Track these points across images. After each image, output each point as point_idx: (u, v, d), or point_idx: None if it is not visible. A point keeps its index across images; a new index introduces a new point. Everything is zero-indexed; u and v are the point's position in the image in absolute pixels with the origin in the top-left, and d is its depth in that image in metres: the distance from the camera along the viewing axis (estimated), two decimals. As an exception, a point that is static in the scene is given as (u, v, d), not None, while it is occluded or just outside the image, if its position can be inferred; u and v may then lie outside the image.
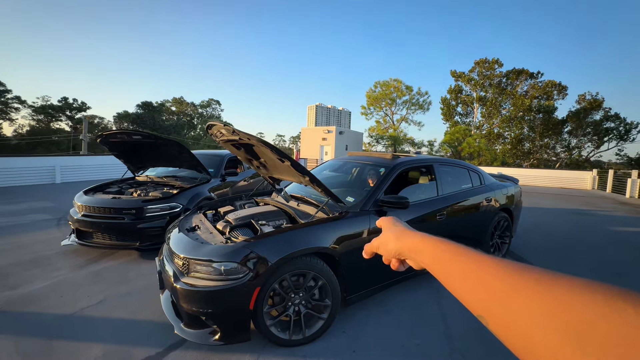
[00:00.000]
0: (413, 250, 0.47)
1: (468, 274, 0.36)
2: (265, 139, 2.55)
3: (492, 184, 4.05)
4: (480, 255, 0.36)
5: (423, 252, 0.45)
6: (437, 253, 0.42)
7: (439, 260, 0.41)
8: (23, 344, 2.27)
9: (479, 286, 0.33)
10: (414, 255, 0.47)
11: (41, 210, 6.64)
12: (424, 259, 0.44)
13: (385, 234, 0.55)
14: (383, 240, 0.54)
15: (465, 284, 0.36)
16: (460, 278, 0.37)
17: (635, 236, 5.93)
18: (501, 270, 0.32)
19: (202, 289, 2.05)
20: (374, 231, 2.66)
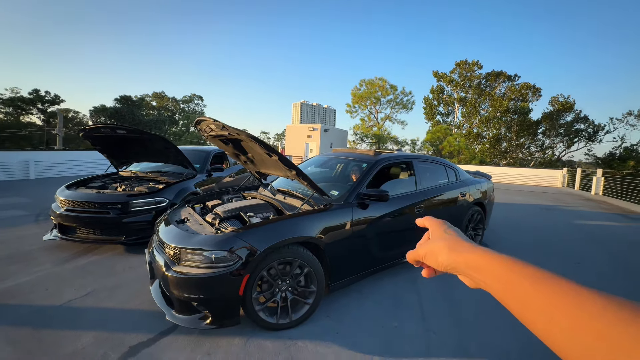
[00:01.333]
0: (472, 267, 0.40)
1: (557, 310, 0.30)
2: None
3: (467, 179, 4.33)
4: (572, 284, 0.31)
5: (486, 270, 0.38)
6: (506, 274, 0.36)
7: (509, 284, 0.35)
8: (10, 335, 2.29)
9: (576, 327, 0.28)
10: (473, 272, 0.40)
11: (16, 206, 6.42)
12: (486, 278, 0.38)
13: (435, 242, 0.48)
14: (432, 249, 0.47)
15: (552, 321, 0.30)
16: (543, 313, 0.31)
17: (592, 228, 6.45)
18: (612, 310, 0.27)
19: (194, 276, 2.16)
20: (357, 222, 2.84)
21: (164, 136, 4.52)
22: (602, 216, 7.97)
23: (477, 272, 0.40)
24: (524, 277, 0.34)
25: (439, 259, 0.45)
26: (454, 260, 0.43)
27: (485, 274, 0.38)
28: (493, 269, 0.38)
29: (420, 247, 0.50)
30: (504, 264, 0.37)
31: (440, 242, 0.47)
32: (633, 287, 3.52)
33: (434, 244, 0.48)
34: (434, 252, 0.46)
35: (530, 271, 0.34)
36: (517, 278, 0.34)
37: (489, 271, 0.38)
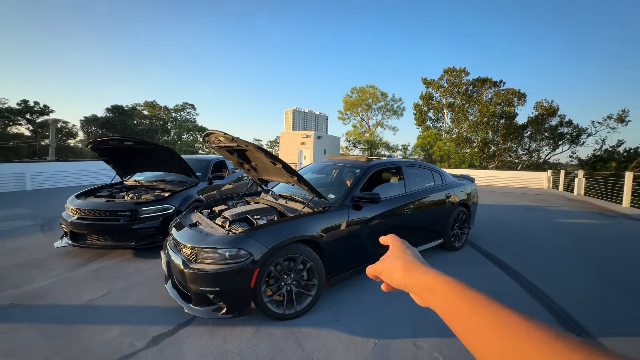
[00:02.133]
0: (423, 288, 0.43)
1: (490, 332, 0.33)
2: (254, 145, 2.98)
3: (452, 182, 4.71)
4: (505, 310, 0.34)
5: (435, 292, 0.41)
6: (452, 298, 0.39)
7: (454, 308, 0.38)
8: (43, 330, 2.53)
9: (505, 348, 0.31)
10: (424, 293, 0.43)
11: (19, 217, 6.57)
12: (434, 299, 0.41)
13: (392, 261, 0.50)
14: (389, 267, 0.50)
15: (486, 342, 0.33)
16: (479, 334, 0.34)
17: (570, 225, 6.90)
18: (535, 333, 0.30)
19: (210, 272, 2.45)
20: (352, 223, 3.17)
21: (169, 147, 4.80)
22: (582, 214, 8.46)
23: (426, 292, 0.42)
24: (465, 301, 0.37)
25: (393, 277, 0.48)
26: (407, 280, 0.45)
27: (434, 296, 0.41)
28: (441, 291, 0.40)
29: (379, 263, 0.53)
30: (451, 287, 0.39)
31: (397, 261, 0.49)
32: (598, 274, 3.90)
33: (391, 264, 0.50)
34: (390, 270, 0.49)
35: (472, 296, 0.37)
36: (459, 301, 0.37)
37: (437, 293, 0.40)
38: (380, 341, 2.46)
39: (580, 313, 2.95)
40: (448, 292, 0.40)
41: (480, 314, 0.35)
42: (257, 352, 2.29)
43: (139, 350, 2.29)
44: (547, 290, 3.41)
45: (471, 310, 0.36)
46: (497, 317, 0.33)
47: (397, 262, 0.49)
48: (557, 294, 3.33)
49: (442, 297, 0.40)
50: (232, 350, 2.31)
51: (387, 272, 0.50)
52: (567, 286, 3.55)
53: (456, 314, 0.37)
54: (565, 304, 3.11)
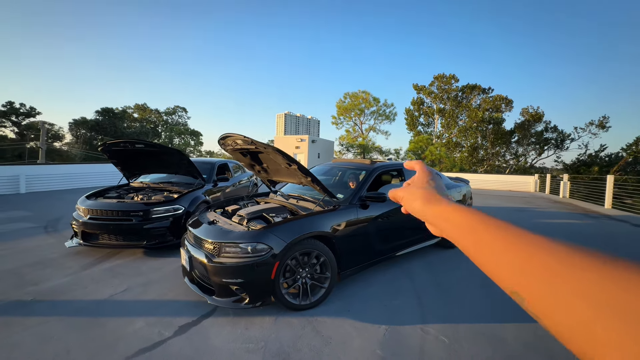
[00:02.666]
0: (439, 216, 0.44)
1: (503, 245, 0.32)
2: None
3: (449, 184, 5.00)
4: (519, 228, 0.33)
5: (450, 220, 0.41)
6: (466, 221, 0.39)
7: (468, 229, 0.38)
8: (71, 322, 2.66)
9: (516, 258, 0.30)
10: (440, 222, 0.43)
11: (20, 219, 6.56)
12: (449, 226, 0.41)
13: (415, 189, 0.50)
14: (410, 195, 0.50)
15: (499, 254, 0.32)
16: (492, 248, 0.33)
17: (555, 225, 7.31)
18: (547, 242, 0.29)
19: (234, 264, 2.63)
20: (360, 220, 3.40)
21: (179, 149, 4.95)
22: (566, 215, 8.91)
23: (444, 221, 0.42)
24: (478, 221, 0.37)
25: (413, 204, 0.49)
26: (426, 211, 0.46)
27: (449, 222, 0.41)
28: (455, 217, 0.40)
29: (402, 188, 0.53)
30: (466, 213, 0.40)
31: (419, 191, 0.49)
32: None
33: (414, 191, 0.50)
34: (411, 198, 0.50)
35: (486, 218, 0.37)
36: (472, 221, 0.38)
37: (452, 220, 0.41)
38: (391, 327, 2.68)
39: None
40: (463, 217, 0.40)
41: (494, 231, 0.34)
42: (279, 338, 2.48)
43: (168, 338, 2.45)
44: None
45: (485, 229, 0.35)
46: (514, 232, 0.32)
47: (419, 192, 0.49)
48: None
49: (457, 223, 0.40)
50: (256, 336, 2.49)
51: (408, 200, 0.50)
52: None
53: (470, 235, 0.37)
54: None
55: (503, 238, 0.33)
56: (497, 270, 0.32)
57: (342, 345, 2.42)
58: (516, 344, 2.49)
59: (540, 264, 0.27)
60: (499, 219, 0.36)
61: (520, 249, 0.30)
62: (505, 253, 0.31)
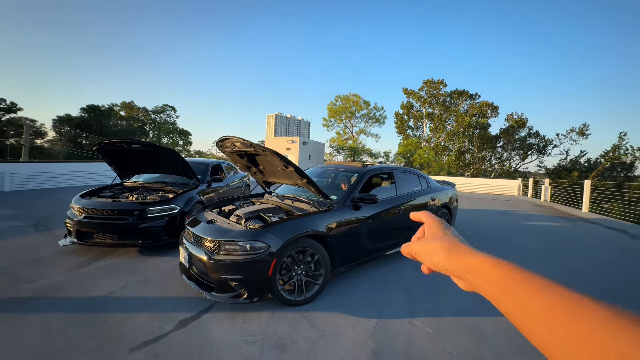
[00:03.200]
0: (471, 271, 0.39)
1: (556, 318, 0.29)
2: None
3: (436, 187, 5.25)
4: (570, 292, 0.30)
5: (484, 276, 0.37)
6: (504, 281, 0.35)
7: (507, 291, 0.34)
8: (73, 318, 2.73)
9: (574, 337, 0.27)
10: (471, 277, 0.39)
11: (8, 218, 6.46)
12: (483, 283, 0.37)
13: (431, 242, 0.46)
14: (427, 249, 0.46)
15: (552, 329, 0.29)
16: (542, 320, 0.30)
17: (535, 227, 7.69)
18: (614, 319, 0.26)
19: (233, 261, 2.76)
20: (353, 220, 3.58)
21: (175, 150, 5.02)
22: (545, 218, 9.36)
23: (475, 276, 0.39)
24: (521, 284, 0.33)
25: (434, 259, 0.44)
26: (450, 263, 0.42)
27: (483, 279, 0.37)
28: (491, 274, 0.37)
29: (415, 243, 0.49)
30: (503, 270, 0.36)
31: (437, 243, 0.45)
32: (556, 266, 4.53)
33: (429, 243, 0.46)
34: (429, 252, 0.45)
35: (528, 277, 0.34)
36: (515, 285, 0.34)
37: (487, 276, 0.37)
38: (381, 320, 2.86)
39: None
40: (500, 275, 0.36)
41: (540, 298, 0.31)
42: (276, 331, 2.62)
43: (170, 332, 2.56)
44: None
45: (529, 294, 0.32)
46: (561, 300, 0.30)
47: (437, 244, 0.45)
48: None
49: (492, 281, 0.36)
50: (254, 330, 2.63)
51: (426, 254, 0.46)
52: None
53: (511, 299, 0.34)
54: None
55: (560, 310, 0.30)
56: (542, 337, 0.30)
57: (335, 337, 2.58)
58: (496, 335, 2.70)
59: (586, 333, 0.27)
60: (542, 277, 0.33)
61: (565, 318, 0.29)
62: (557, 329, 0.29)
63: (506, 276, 0.35)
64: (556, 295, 0.31)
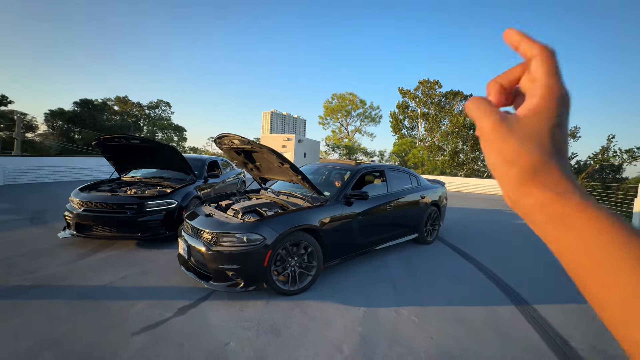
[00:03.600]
0: (551, 216, 0.27)
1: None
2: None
3: (426, 185, 5.44)
4: None
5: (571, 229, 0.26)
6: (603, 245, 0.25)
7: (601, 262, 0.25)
8: (76, 305, 2.85)
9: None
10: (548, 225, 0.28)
11: (3, 211, 6.49)
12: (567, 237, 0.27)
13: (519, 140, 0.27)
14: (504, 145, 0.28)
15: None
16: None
17: (526, 226, 7.95)
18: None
19: (230, 252, 2.91)
20: (345, 216, 3.74)
21: (173, 146, 5.14)
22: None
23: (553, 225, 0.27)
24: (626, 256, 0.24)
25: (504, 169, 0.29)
26: (523, 196, 0.28)
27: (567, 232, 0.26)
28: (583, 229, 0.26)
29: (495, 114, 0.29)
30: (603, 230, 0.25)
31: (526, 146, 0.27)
32: (542, 266, 4.77)
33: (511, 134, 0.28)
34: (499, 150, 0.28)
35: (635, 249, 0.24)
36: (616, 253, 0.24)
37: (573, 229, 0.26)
38: (369, 309, 3.04)
39: (530, 290, 3.71)
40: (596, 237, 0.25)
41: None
42: (271, 318, 2.78)
43: (169, 318, 2.71)
44: (498, 272, 4.18)
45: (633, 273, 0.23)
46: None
47: (525, 149, 0.27)
48: (509, 277, 4.10)
49: (583, 238, 0.25)
50: (250, 317, 2.78)
51: (492, 151, 0.29)
52: (517, 270, 4.35)
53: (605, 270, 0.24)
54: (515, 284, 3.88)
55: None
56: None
57: (326, 323, 2.75)
58: (477, 323, 2.90)
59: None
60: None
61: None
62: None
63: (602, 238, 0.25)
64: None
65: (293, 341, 2.47)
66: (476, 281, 3.93)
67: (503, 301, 3.39)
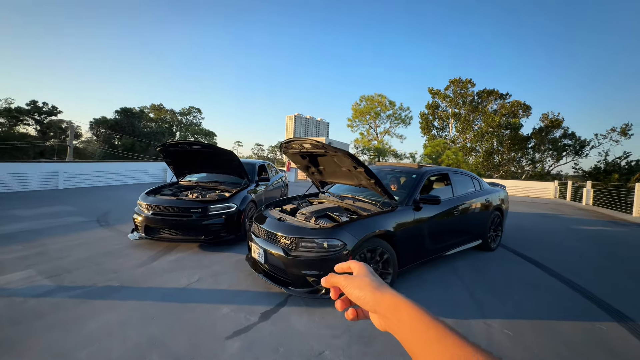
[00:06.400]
0: (391, 309, 0.44)
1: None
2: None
3: (489, 188, 5.16)
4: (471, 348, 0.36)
5: (402, 316, 0.43)
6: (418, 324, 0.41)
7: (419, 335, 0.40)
8: (163, 307, 2.94)
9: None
10: (390, 315, 0.44)
11: (70, 213, 6.97)
12: (399, 323, 0.43)
13: (362, 278, 0.50)
14: (355, 282, 0.49)
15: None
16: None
17: (590, 232, 7.34)
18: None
19: (310, 258, 2.88)
20: (416, 221, 3.61)
21: (232, 151, 5.26)
22: (595, 222, 8.91)
23: (393, 315, 0.43)
24: (429, 329, 0.40)
25: (360, 294, 0.47)
26: (377, 299, 0.45)
27: (398, 319, 0.42)
28: (407, 315, 0.42)
29: (342, 277, 0.51)
30: (418, 314, 0.42)
31: (366, 279, 0.49)
32: (627, 277, 4.33)
33: (359, 278, 0.49)
34: (358, 285, 0.48)
35: (436, 325, 0.40)
36: (424, 329, 0.40)
37: (403, 316, 0.42)
38: (456, 320, 2.88)
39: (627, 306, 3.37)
40: (415, 318, 0.41)
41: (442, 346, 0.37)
42: (358, 324, 2.71)
43: (256, 323, 2.71)
44: (573, 277, 3.84)
45: (436, 343, 0.38)
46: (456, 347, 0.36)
47: (367, 280, 0.48)
48: (595, 287, 3.76)
49: (406, 320, 0.42)
50: (334, 324, 2.73)
51: (353, 287, 0.49)
52: (600, 281, 3.98)
53: (421, 341, 0.39)
54: (604, 296, 3.54)
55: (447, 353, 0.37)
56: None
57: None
58: (577, 339, 2.65)
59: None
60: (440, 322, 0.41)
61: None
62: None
63: (418, 318, 0.41)
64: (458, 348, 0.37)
65: (389, 352, 2.38)
66: (556, 290, 3.63)
67: (596, 313, 3.09)
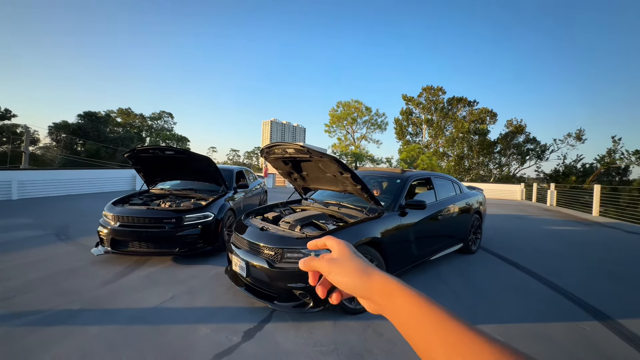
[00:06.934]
0: (382, 294, 0.41)
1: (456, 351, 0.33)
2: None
3: (468, 192, 5.26)
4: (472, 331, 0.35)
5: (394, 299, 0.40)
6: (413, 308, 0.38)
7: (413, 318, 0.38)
8: (133, 331, 2.63)
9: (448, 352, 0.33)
10: (381, 299, 0.41)
11: (24, 227, 6.29)
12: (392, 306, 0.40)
13: (346, 262, 0.46)
14: (339, 268, 0.45)
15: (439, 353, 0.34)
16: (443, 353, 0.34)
17: (559, 232, 7.74)
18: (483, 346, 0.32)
19: (298, 269, 2.70)
20: (402, 227, 3.55)
21: (208, 157, 4.97)
22: (563, 223, 9.44)
23: (384, 299, 0.40)
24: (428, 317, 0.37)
25: (346, 279, 0.44)
26: (364, 284, 0.42)
27: (391, 302, 0.39)
28: (400, 298, 0.39)
29: (324, 261, 0.47)
30: (412, 297, 0.39)
31: (352, 263, 0.45)
32: (601, 276, 4.55)
33: (342, 263, 0.45)
34: (342, 272, 0.44)
35: (435, 311, 0.37)
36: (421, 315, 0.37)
37: (395, 300, 0.39)
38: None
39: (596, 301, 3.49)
40: (409, 302, 0.39)
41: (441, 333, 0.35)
42: (347, 341, 2.56)
43: (240, 343, 2.48)
44: (552, 278, 3.96)
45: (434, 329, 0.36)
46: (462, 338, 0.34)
47: (351, 264, 0.45)
48: (570, 286, 3.88)
49: (401, 305, 0.39)
50: (323, 340, 2.56)
51: (338, 274, 0.45)
52: (567, 278, 4.13)
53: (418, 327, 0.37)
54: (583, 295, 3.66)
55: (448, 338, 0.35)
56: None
57: (408, 345, 2.53)
58: (563, 341, 2.68)
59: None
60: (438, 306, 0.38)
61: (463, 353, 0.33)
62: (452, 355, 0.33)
63: (412, 302, 0.39)
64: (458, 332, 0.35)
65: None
66: (539, 292, 3.71)
67: (578, 313, 3.17)
